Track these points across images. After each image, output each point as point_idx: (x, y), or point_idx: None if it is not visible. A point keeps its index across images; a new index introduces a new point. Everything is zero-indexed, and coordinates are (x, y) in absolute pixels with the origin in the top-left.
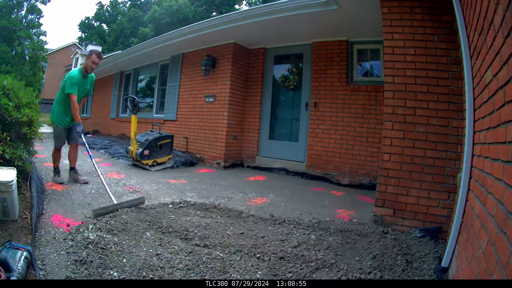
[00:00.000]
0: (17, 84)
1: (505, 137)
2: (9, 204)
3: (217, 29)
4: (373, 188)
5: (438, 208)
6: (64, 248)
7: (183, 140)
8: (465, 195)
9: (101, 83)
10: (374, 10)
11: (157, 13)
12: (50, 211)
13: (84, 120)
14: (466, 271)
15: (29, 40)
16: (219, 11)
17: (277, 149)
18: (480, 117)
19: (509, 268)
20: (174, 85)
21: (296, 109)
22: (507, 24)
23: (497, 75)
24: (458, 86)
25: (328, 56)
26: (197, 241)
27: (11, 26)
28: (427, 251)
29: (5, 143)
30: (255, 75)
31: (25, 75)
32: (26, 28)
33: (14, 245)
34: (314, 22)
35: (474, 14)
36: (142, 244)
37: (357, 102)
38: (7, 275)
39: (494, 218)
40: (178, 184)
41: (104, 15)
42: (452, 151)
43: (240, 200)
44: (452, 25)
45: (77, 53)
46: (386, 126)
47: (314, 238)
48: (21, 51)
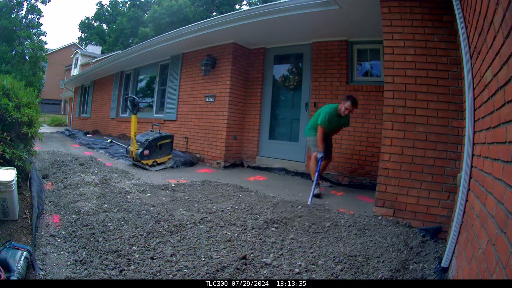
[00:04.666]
0: (17, 84)
1: (505, 137)
2: (9, 204)
3: (217, 29)
4: (373, 188)
5: (438, 208)
6: (64, 248)
7: (183, 140)
8: (465, 195)
9: (101, 83)
10: (374, 10)
11: (157, 13)
12: (51, 211)
13: (84, 120)
14: (466, 271)
15: (29, 40)
16: (219, 11)
17: (277, 149)
18: (480, 117)
19: (509, 268)
20: (174, 85)
21: (296, 109)
22: (507, 24)
23: (497, 75)
24: (458, 86)
25: (328, 56)
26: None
27: (11, 26)
28: (427, 251)
29: (5, 143)
30: (255, 75)
31: (25, 75)
32: (26, 28)
33: (14, 245)
34: (314, 22)
35: (474, 14)
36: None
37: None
38: (7, 275)
39: (494, 218)
40: (177, 184)
41: (104, 15)
42: (452, 151)
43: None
44: (452, 25)
45: (77, 53)
46: (386, 126)
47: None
48: (21, 51)
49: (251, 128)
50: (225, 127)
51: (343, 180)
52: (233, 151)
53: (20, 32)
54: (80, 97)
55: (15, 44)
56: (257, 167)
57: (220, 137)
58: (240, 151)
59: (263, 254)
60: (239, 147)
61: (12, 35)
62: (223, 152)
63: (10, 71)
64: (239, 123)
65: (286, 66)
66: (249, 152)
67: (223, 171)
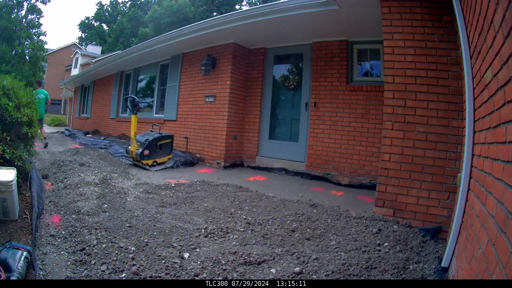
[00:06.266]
0: (17, 84)
1: (505, 137)
2: (9, 204)
3: (217, 29)
4: (373, 188)
5: (438, 208)
6: (64, 248)
7: (183, 140)
8: (465, 195)
9: (101, 83)
10: (374, 10)
11: (157, 13)
12: (51, 211)
13: (84, 120)
14: (466, 271)
15: (29, 40)
16: (219, 11)
17: (277, 149)
18: (480, 117)
19: (509, 268)
20: (174, 85)
21: (296, 109)
22: (507, 24)
23: (497, 75)
24: (458, 86)
25: (328, 56)
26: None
27: (11, 26)
28: (427, 251)
29: (5, 143)
30: (255, 75)
31: (25, 75)
32: (26, 28)
33: (14, 245)
34: (314, 22)
35: (474, 14)
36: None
37: (357, 102)
38: (7, 275)
39: (494, 218)
40: (177, 184)
41: (104, 15)
42: (452, 151)
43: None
44: (452, 25)
45: (77, 53)
46: (386, 126)
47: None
48: (21, 51)
49: (251, 128)
50: (225, 127)
51: (343, 180)
52: (233, 151)
53: (20, 32)
54: (80, 97)
55: (15, 44)
56: (257, 167)
57: (220, 137)
58: (240, 151)
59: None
60: (239, 147)
61: (12, 35)
62: (223, 152)
63: (10, 71)
64: (239, 123)
65: (286, 66)
66: (249, 152)
67: (223, 171)
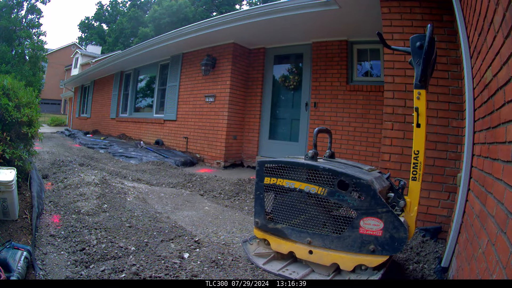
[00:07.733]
0: (17, 84)
1: (505, 137)
2: (9, 204)
3: (217, 29)
4: None
5: (438, 208)
6: (64, 248)
7: (183, 140)
8: (465, 195)
9: (101, 83)
10: (374, 10)
11: (157, 13)
12: (50, 211)
13: (84, 120)
14: (466, 271)
15: (29, 40)
16: (219, 11)
17: (277, 149)
18: (480, 117)
19: (509, 268)
20: (174, 85)
21: (296, 109)
22: (507, 24)
23: (497, 75)
24: (458, 86)
25: (328, 56)
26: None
27: (11, 26)
28: (427, 251)
29: (5, 143)
30: (255, 75)
31: (25, 75)
32: (26, 28)
33: (14, 245)
34: (314, 22)
35: (474, 14)
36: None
37: (357, 102)
38: (7, 275)
39: (494, 218)
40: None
41: (104, 15)
42: (452, 151)
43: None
44: (452, 25)
45: (77, 53)
46: (386, 126)
47: None
48: (21, 51)
49: (251, 128)
50: (225, 127)
51: None
52: (233, 151)
53: (20, 32)
54: (80, 97)
55: (15, 44)
56: None
57: (220, 137)
58: (240, 151)
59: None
60: (239, 147)
61: (12, 35)
62: (223, 152)
63: (10, 71)
64: (239, 123)
65: (286, 66)
66: (249, 152)
67: (223, 171)
